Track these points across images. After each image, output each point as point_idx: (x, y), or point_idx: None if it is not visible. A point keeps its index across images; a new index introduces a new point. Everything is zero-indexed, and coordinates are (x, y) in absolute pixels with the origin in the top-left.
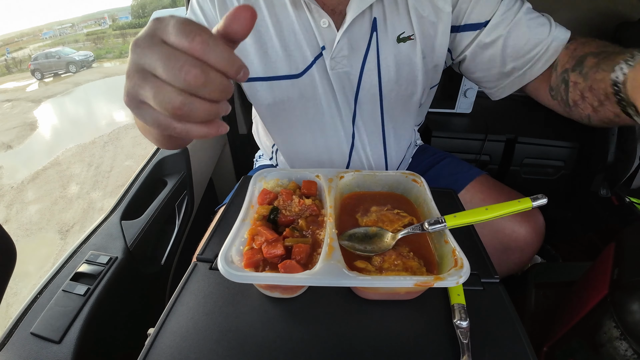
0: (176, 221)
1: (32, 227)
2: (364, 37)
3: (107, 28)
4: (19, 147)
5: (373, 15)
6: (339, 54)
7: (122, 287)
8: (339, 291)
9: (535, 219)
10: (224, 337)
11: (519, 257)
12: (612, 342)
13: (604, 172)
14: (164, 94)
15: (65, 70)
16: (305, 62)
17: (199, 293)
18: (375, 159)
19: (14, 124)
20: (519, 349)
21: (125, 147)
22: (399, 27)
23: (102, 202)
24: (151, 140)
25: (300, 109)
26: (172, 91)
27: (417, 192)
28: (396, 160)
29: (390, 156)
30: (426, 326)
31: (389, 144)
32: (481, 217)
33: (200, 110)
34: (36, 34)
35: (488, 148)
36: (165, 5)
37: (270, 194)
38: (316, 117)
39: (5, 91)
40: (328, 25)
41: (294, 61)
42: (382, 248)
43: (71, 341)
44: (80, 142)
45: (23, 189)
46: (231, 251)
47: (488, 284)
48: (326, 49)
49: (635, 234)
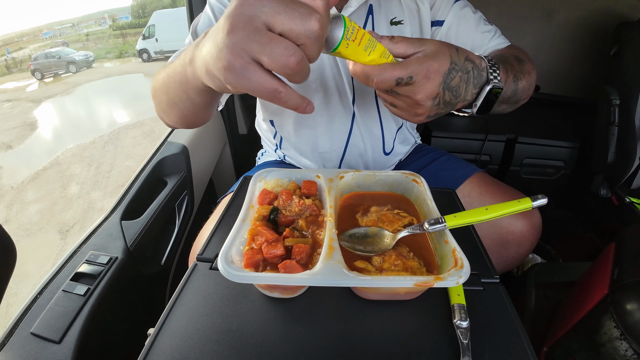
0: (176, 221)
1: (32, 227)
2: (361, 20)
3: (107, 28)
4: (19, 147)
5: (369, 2)
6: None
7: (122, 287)
8: (339, 291)
9: (532, 215)
10: (224, 337)
11: (517, 251)
12: (612, 342)
13: (604, 172)
14: (284, 49)
15: (65, 70)
16: None
17: (199, 293)
18: (373, 142)
19: (14, 124)
20: (519, 349)
21: (126, 147)
22: (391, 12)
23: (102, 202)
24: (175, 113)
25: (311, 90)
26: (291, 46)
27: (417, 192)
28: (390, 140)
29: (387, 139)
30: (426, 326)
31: (385, 121)
32: (481, 217)
33: (307, 71)
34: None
35: (488, 148)
36: (165, 5)
37: (270, 194)
38: (324, 98)
39: (5, 91)
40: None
41: None
42: (382, 248)
43: (71, 341)
44: (81, 142)
45: (23, 189)
46: (231, 251)
47: (488, 284)
48: None
49: (635, 234)
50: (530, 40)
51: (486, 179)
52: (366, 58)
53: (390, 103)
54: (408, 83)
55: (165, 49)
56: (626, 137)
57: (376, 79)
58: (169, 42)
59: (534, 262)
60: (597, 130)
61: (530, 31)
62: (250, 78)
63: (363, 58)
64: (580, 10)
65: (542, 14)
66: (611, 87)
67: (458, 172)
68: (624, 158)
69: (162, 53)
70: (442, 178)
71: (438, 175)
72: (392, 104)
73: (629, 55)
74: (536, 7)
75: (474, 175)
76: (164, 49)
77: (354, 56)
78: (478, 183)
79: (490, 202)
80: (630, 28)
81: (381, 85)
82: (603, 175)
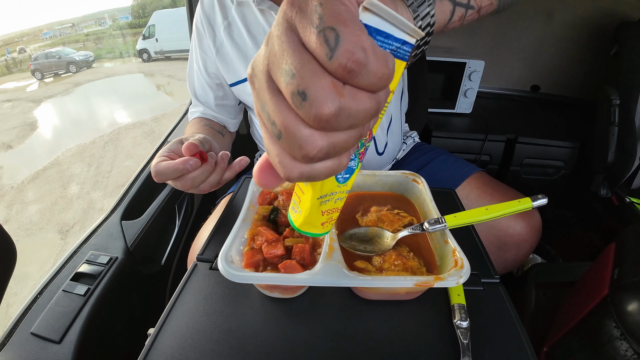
0: (176, 221)
1: (32, 227)
2: None
3: (107, 28)
4: (19, 147)
5: None
6: None
7: (122, 287)
8: (339, 291)
9: (531, 216)
10: (224, 337)
11: (515, 254)
12: (612, 342)
13: (604, 172)
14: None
15: (65, 70)
16: None
17: (199, 293)
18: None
19: (14, 124)
20: (519, 349)
21: (126, 147)
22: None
23: (102, 202)
24: None
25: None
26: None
27: (417, 192)
28: (382, 138)
29: (379, 138)
30: (426, 326)
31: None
32: (481, 217)
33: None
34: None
35: (488, 148)
36: (165, 5)
37: (270, 194)
38: None
39: (5, 91)
40: None
41: None
42: (382, 248)
43: (71, 341)
44: (81, 142)
45: (23, 189)
46: (231, 251)
47: (488, 284)
48: None
49: (635, 234)
50: (530, 40)
51: (486, 179)
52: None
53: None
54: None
55: (166, 49)
56: (626, 137)
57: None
58: (169, 42)
59: (534, 262)
60: (597, 130)
61: (530, 31)
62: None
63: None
64: (580, 10)
65: (542, 14)
66: (611, 87)
67: (457, 171)
68: (624, 158)
69: (162, 53)
70: (441, 177)
71: (437, 174)
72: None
73: (629, 55)
74: (536, 7)
75: (473, 175)
76: (164, 49)
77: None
78: (477, 183)
79: (490, 202)
80: (630, 28)
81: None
82: (603, 175)
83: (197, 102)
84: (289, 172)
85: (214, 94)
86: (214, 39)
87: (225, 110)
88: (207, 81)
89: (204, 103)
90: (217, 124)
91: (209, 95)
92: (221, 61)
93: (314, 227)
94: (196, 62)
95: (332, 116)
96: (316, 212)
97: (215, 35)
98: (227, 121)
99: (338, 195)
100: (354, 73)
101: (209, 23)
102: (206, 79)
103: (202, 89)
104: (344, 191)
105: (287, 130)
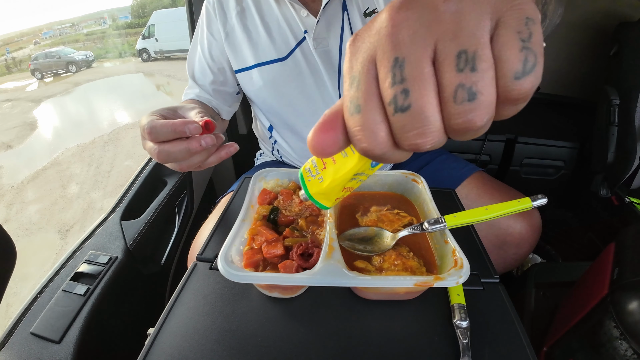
0: (176, 221)
1: (32, 227)
2: (337, 18)
3: (107, 28)
4: (19, 147)
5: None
6: (319, 36)
7: (122, 287)
8: (339, 291)
9: (531, 215)
10: (224, 337)
11: (515, 253)
12: (612, 342)
13: (604, 172)
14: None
15: (65, 70)
16: (288, 47)
17: (199, 293)
18: None
19: (14, 124)
20: (519, 349)
21: (125, 147)
22: (365, 3)
23: (102, 202)
24: None
25: (289, 88)
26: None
27: (417, 192)
28: None
29: None
30: (426, 326)
31: None
32: (481, 217)
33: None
34: (36, 34)
35: (488, 148)
36: (165, 5)
37: (270, 194)
38: (305, 95)
39: (5, 91)
40: (307, 15)
41: (278, 47)
42: (382, 248)
43: (71, 341)
44: (80, 142)
45: (23, 188)
46: (231, 251)
47: (488, 284)
48: (308, 32)
49: (635, 234)
50: None
51: (485, 179)
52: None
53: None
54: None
55: (165, 48)
56: (626, 137)
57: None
58: (169, 42)
59: (533, 262)
60: (597, 130)
61: None
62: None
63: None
64: (580, 10)
65: (542, 14)
66: (611, 87)
67: (457, 171)
68: (624, 158)
69: (162, 53)
70: (441, 177)
71: (437, 174)
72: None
73: (629, 55)
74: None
75: (473, 174)
76: (163, 48)
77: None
78: (477, 183)
79: (490, 202)
80: (630, 28)
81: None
82: (603, 175)
83: (193, 83)
84: (373, 147)
85: (214, 78)
86: (224, 23)
87: (222, 96)
88: (209, 64)
89: (200, 85)
90: (210, 108)
91: (208, 78)
92: (229, 46)
93: (327, 200)
94: (200, 43)
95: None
96: (340, 186)
97: (226, 19)
98: (222, 107)
99: (362, 177)
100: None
101: (221, 6)
102: (208, 62)
103: (201, 71)
104: (368, 175)
105: (421, 109)
